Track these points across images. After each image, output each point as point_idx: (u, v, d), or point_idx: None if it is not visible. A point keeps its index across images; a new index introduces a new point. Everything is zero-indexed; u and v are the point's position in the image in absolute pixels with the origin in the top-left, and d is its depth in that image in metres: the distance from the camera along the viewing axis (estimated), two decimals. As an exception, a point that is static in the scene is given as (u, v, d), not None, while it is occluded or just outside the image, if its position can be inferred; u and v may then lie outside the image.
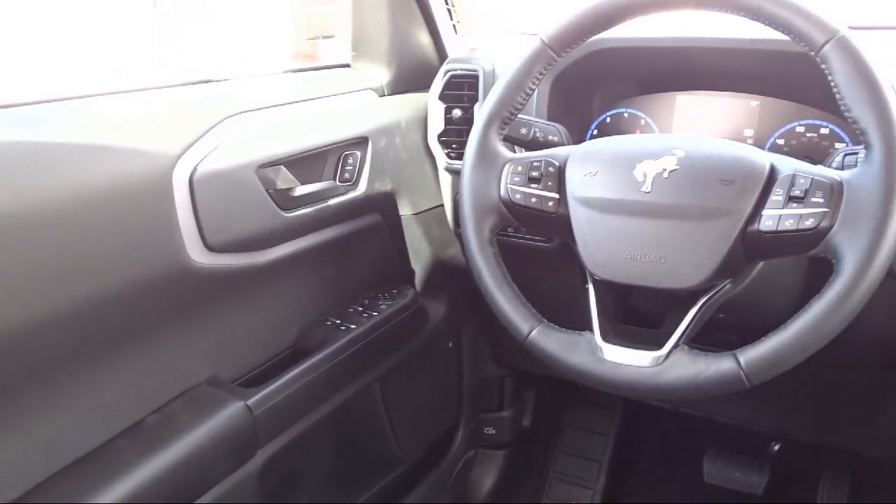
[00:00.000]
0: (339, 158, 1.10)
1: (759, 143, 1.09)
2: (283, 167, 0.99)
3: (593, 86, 1.18)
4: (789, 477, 1.52)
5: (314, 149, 1.04)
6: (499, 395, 1.55)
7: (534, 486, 1.67)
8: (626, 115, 1.17)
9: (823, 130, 1.05)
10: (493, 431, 1.56)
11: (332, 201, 1.07)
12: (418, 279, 1.29)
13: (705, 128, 1.13)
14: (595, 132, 1.19)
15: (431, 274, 1.29)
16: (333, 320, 1.13)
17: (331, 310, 1.16)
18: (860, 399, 1.13)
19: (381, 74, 1.23)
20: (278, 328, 1.08)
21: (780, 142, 1.07)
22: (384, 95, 1.23)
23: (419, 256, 1.28)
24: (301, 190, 1.02)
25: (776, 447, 1.51)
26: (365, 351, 1.11)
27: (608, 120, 1.19)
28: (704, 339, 0.78)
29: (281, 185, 0.99)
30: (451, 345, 1.40)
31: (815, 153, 1.05)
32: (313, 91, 1.12)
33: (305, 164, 1.04)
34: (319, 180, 1.07)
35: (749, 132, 1.10)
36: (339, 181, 1.09)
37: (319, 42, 1.30)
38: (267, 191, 0.97)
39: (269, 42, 1.30)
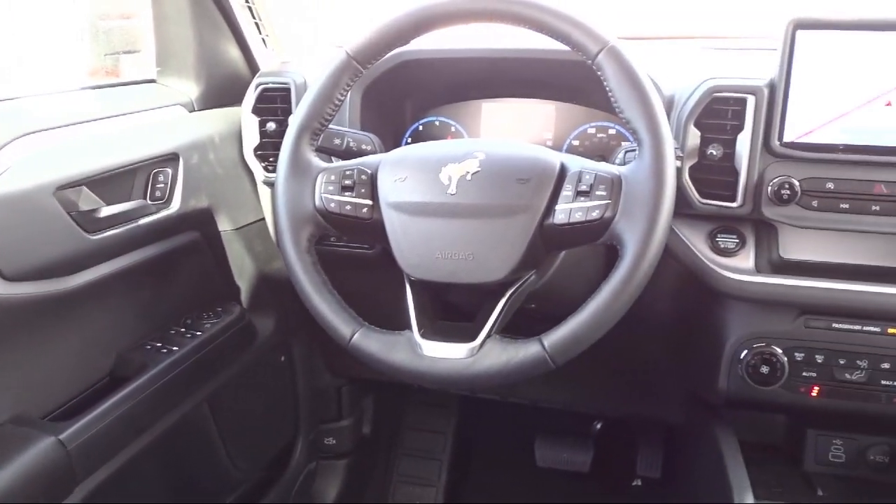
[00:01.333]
0: (149, 176, 1.06)
1: (558, 145, 1.18)
2: (85, 188, 0.95)
3: (404, 95, 1.22)
4: (612, 452, 1.64)
5: (119, 167, 1.00)
6: (337, 405, 1.56)
7: (378, 491, 1.69)
8: (437, 123, 1.23)
9: (611, 131, 1.15)
10: (334, 441, 1.56)
11: (143, 221, 1.04)
12: (244, 295, 1.27)
13: (510, 132, 1.21)
14: (409, 140, 1.24)
15: (258, 289, 1.28)
16: (154, 344, 1.09)
17: (150, 333, 1.12)
18: (656, 371, 1.24)
19: (190, 89, 1.21)
20: (92, 356, 1.03)
21: (576, 143, 1.17)
22: (194, 110, 1.20)
23: (243, 272, 1.26)
24: (108, 210, 0.98)
25: (598, 426, 1.63)
26: (190, 372, 1.08)
27: (420, 128, 1.23)
28: (520, 330, 0.84)
29: (84, 206, 0.94)
30: (283, 358, 1.39)
31: (606, 151, 1.15)
32: (116, 108, 1.08)
33: (111, 183, 1.00)
34: (128, 200, 1.03)
35: (549, 135, 1.19)
36: (151, 200, 1.06)
37: (121, 57, 1.25)
38: (68, 213, 0.92)
39: (59, 58, 1.23)
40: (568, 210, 0.80)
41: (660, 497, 1.60)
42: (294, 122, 0.90)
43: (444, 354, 0.80)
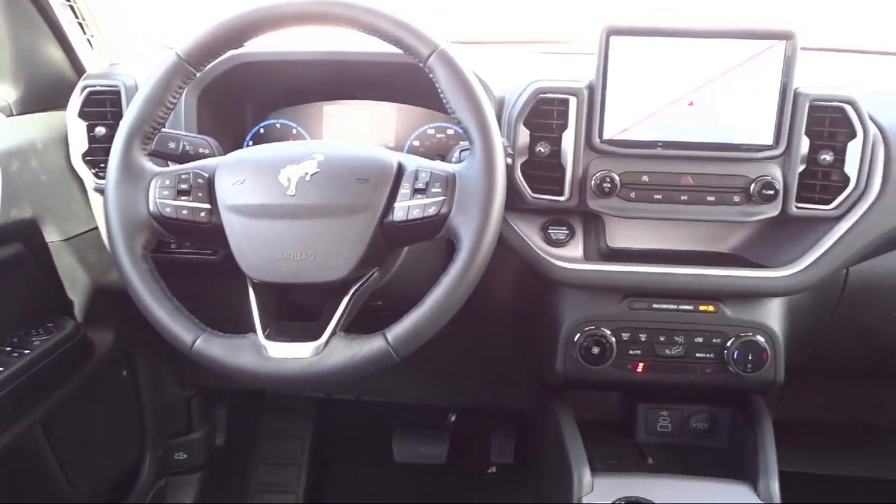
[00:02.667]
0: (-38, 187, 0.99)
1: (399, 146, 1.21)
2: None
3: (243, 98, 1.21)
4: (467, 441, 1.70)
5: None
6: (186, 418, 1.51)
7: (235, 502, 1.66)
8: (278, 125, 1.22)
9: (450, 132, 1.20)
10: (185, 456, 1.51)
11: (-44, 235, 0.96)
12: (78, 309, 1.20)
13: (352, 134, 1.23)
14: (250, 144, 1.22)
15: (93, 301, 1.22)
16: (-25, 366, 1.02)
17: (-29, 354, 1.04)
18: (503, 360, 1.31)
19: (6, 93, 1.13)
20: None
21: (417, 143, 1.20)
22: (12, 115, 1.13)
23: (76, 284, 1.19)
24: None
25: (452, 417, 1.68)
26: (17, 394, 1.01)
27: (262, 131, 1.22)
28: (369, 328, 0.85)
29: None
30: (125, 373, 1.33)
31: (445, 151, 1.19)
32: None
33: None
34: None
35: (390, 136, 1.22)
36: (-36, 211, 0.98)
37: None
38: None
39: None
40: (406, 207, 0.83)
41: (514, 481, 1.67)
42: (123, 126, 0.87)
43: (290, 354, 0.81)
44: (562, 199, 1.00)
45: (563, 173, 0.99)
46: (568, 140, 0.98)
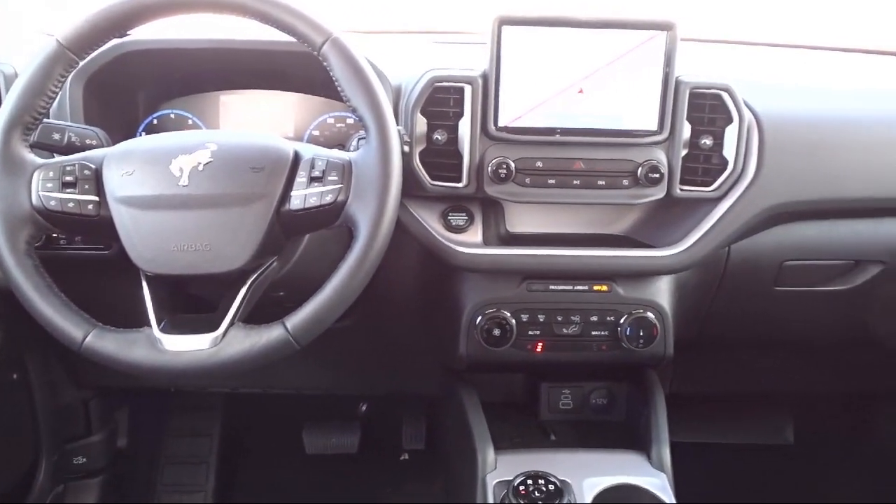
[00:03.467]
0: None
1: (299, 136, 1.20)
2: None
3: (134, 87, 1.17)
4: (379, 430, 1.71)
5: None
6: (85, 420, 1.45)
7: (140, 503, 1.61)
8: (172, 116, 1.19)
9: (349, 121, 1.20)
10: (84, 460, 1.46)
11: None
12: (-40, 311, 1.14)
13: (250, 124, 1.21)
14: (142, 135, 1.19)
15: (-23, 302, 1.16)
16: None
17: None
18: (410, 346, 1.32)
19: None
20: None
21: (316, 133, 1.20)
22: None
23: (-44, 285, 1.13)
24: None
25: (363, 407, 1.69)
26: None
27: (155, 122, 1.19)
28: (272, 320, 0.85)
29: None
30: (15, 376, 1.27)
31: (345, 140, 1.19)
32: None
33: None
34: None
35: (289, 126, 1.21)
36: None
37: None
38: None
39: None
40: (303, 196, 0.83)
41: (426, 467, 1.69)
42: (1, 116, 0.84)
43: (187, 347, 0.79)
44: (460, 185, 1.02)
45: (461, 160, 1.01)
46: (464, 128, 1.00)
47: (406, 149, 0.93)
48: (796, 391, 1.62)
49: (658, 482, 1.03)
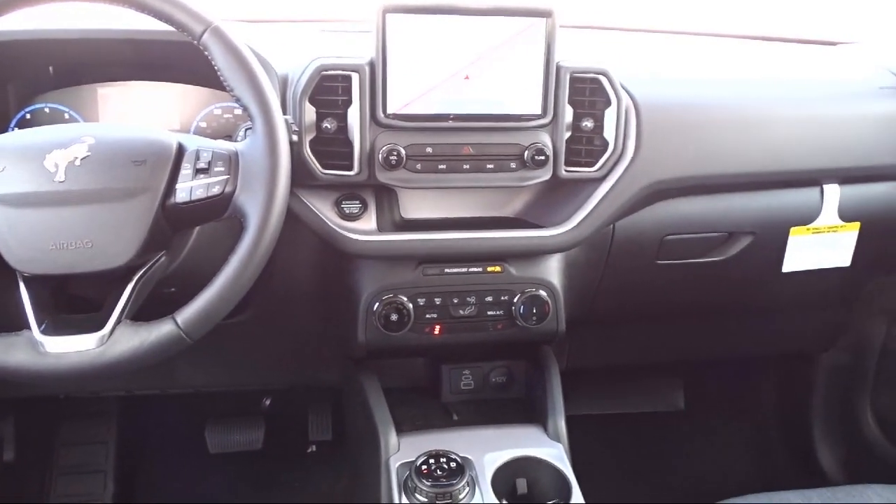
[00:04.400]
0: None
1: (185, 127, 1.17)
2: None
3: (2, 80, 1.11)
4: (284, 424, 1.70)
5: None
6: (-35, 435, 1.38)
7: None
8: (47, 110, 1.14)
9: (237, 111, 1.18)
10: (-33, 476, 1.38)
11: None
12: None
13: (132, 117, 1.17)
14: (15, 130, 1.13)
15: None
16: None
17: None
18: (311, 337, 1.32)
19: None
20: None
21: (203, 124, 1.17)
22: None
23: None
24: None
25: (268, 401, 1.67)
26: None
27: (28, 116, 1.13)
28: (162, 315, 0.83)
29: None
30: None
31: (234, 131, 1.17)
32: None
33: None
34: None
35: (175, 118, 1.18)
36: None
37: None
38: None
39: None
40: (189, 188, 0.82)
41: (334, 457, 1.69)
42: None
43: (71, 348, 0.77)
44: (351, 173, 1.02)
45: (352, 148, 1.01)
46: (353, 116, 1.01)
47: (295, 138, 0.92)
48: (685, 359, 1.72)
49: (555, 452, 1.07)
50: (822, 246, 1.29)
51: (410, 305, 1.08)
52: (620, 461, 1.74)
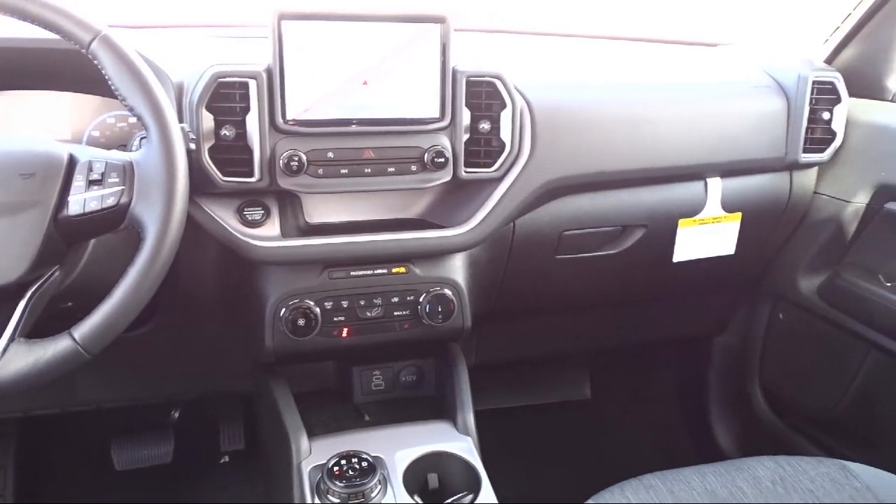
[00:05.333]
0: None
1: (77, 137, 1.14)
2: None
3: None
4: (194, 435, 1.66)
5: None
6: None
7: None
8: None
9: (132, 120, 1.15)
10: None
11: None
12: None
13: (20, 128, 1.13)
14: None
15: None
16: None
17: None
18: (219, 345, 1.30)
19: None
20: None
21: (96, 133, 1.14)
22: None
23: None
24: None
25: (176, 413, 1.63)
26: None
27: None
28: (61, 331, 0.81)
29: None
30: None
31: (128, 140, 1.15)
32: None
33: None
34: None
35: (66, 128, 1.14)
36: None
37: None
38: None
39: None
40: (82, 200, 0.80)
41: (248, 466, 1.67)
42: None
43: None
44: (252, 180, 1.02)
45: (252, 155, 1.01)
46: (252, 122, 1.01)
47: (192, 146, 0.92)
48: (589, 349, 1.79)
49: (465, 445, 1.10)
50: (708, 236, 1.38)
51: (317, 310, 1.09)
52: (529, 452, 1.80)
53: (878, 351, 1.37)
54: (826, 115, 1.35)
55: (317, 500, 0.98)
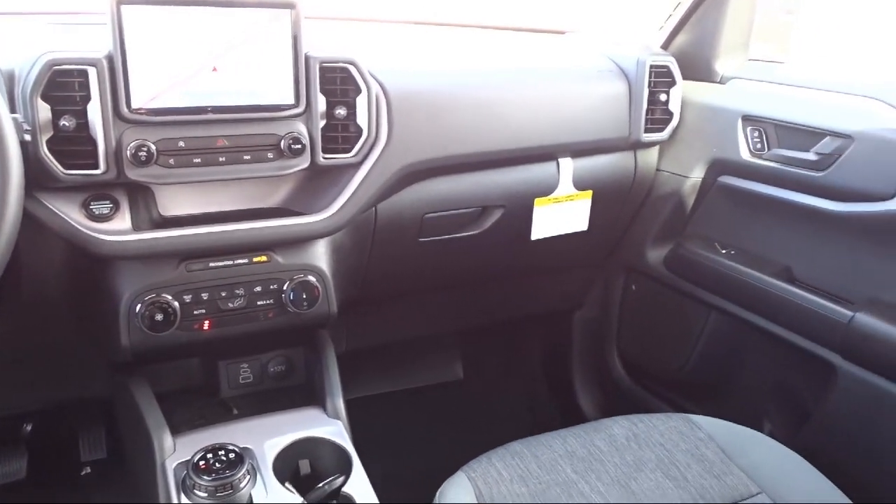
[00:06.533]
0: None
1: None
2: None
3: None
4: (51, 448, 1.57)
5: None
6: None
7: None
8: None
9: None
10: None
11: None
12: None
13: None
14: None
15: None
16: None
17: None
18: (71, 348, 1.24)
19: None
20: None
21: None
22: None
23: None
24: None
25: (28, 427, 1.53)
26: None
27: None
28: None
29: None
30: None
31: None
32: None
33: None
34: None
35: None
36: None
37: None
38: None
39: None
40: None
41: (112, 475, 1.60)
42: None
43: None
44: (97, 172, 0.98)
45: (95, 146, 0.97)
46: (94, 112, 0.96)
47: (28, 137, 0.87)
48: (459, 329, 1.84)
49: (335, 430, 1.11)
50: (562, 213, 1.45)
51: (176, 303, 1.06)
52: (404, 433, 1.83)
53: (718, 312, 1.50)
54: (663, 97, 1.45)
55: (184, 499, 0.95)
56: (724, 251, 1.46)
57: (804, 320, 1.29)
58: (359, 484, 1.02)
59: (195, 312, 1.08)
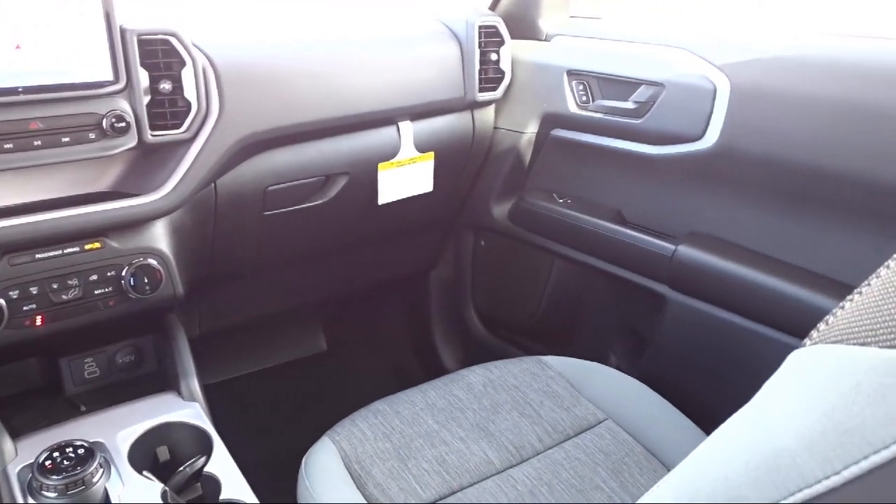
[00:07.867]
0: None
1: None
2: None
3: None
4: None
5: None
6: None
7: None
8: None
9: None
10: None
11: None
12: None
13: None
14: None
15: None
16: None
17: None
18: None
19: None
20: None
21: None
22: None
23: None
24: None
25: None
26: None
27: None
28: None
29: None
30: None
31: None
32: None
33: None
34: None
35: None
36: None
37: None
38: None
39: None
40: None
41: None
42: None
43: None
44: None
45: None
46: None
47: None
48: (317, 300, 1.83)
49: (192, 412, 1.08)
50: (407, 176, 1.47)
51: (2, 301, 0.99)
52: (269, 410, 1.81)
53: (561, 259, 1.58)
54: (494, 57, 1.50)
55: (31, 500, 0.90)
56: (561, 201, 1.54)
57: (636, 258, 1.39)
58: (221, 463, 1.01)
59: (24, 308, 1.02)
